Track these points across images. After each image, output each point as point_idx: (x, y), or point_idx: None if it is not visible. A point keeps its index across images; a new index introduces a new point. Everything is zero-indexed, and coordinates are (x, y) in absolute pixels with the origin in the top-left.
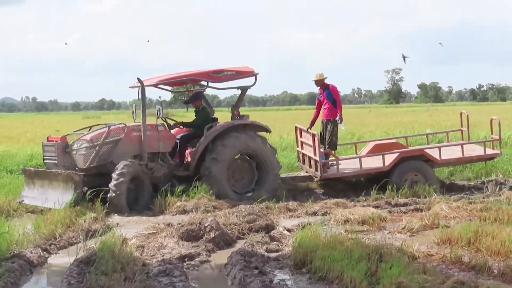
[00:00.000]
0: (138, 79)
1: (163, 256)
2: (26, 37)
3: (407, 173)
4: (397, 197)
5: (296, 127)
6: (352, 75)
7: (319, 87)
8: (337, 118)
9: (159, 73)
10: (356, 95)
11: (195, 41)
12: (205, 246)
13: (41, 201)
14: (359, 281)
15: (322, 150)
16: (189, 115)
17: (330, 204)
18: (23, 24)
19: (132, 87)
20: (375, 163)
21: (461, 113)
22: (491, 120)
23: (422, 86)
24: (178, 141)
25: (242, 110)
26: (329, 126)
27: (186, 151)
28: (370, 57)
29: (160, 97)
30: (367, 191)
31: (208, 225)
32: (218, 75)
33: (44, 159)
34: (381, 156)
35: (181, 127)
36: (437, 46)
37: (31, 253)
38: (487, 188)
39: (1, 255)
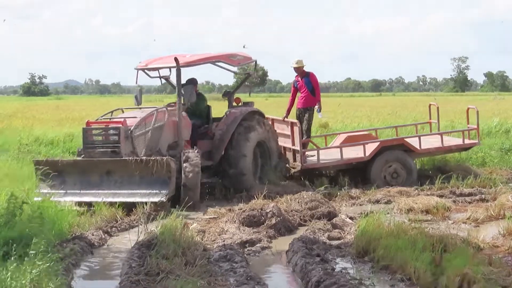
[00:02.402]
0: (176, 58)
1: (224, 241)
2: (91, 22)
3: (387, 163)
4: (462, 186)
5: (268, 119)
6: (418, 63)
7: (297, 74)
8: (316, 106)
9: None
10: (421, 83)
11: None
12: (266, 232)
13: (125, 196)
14: (422, 271)
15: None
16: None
17: (393, 192)
18: (88, 8)
19: (142, 68)
20: (353, 153)
21: (429, 105)
22: (468, 109)
23: (488, 75)
24: None
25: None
26: (306, 115)
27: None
28: (436, 45)
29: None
30: (431, 180)
31: (270, 211)
32: (234, 59)
33: (87, 146)
34: (360, 147)
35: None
36: (505, 35)
37: (93, 235)
38: None
39: (63, 236)
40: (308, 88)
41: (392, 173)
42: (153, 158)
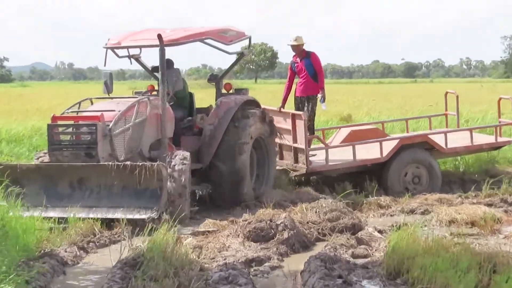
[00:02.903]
0: (159, 36)
1: (225, 259)
2: None
3: (407, 166)
4: None
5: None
6: (460, 43)
7: (294, 55)
8: (319, 95)
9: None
10: (464, 67)
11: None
12: (277, 249)
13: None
14: None
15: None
16: (259, 87)
17: (431, 200)
18: None
19: (112, 47)
20: (363, 153)
21: (446, 93)
22: (499, 100)
23: None
24: None
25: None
26: (307, 105)
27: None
28: (482, 22)
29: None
30: (477, 185)
31: (281, 222)
32: (226, 35)
33: (53, 147)
34: (374, 145)
35: None
36: None
37: (66, 251)
38: None
39: (29, 253)
40: (308, 72)
41: (413, 177)
42: (140, 164)
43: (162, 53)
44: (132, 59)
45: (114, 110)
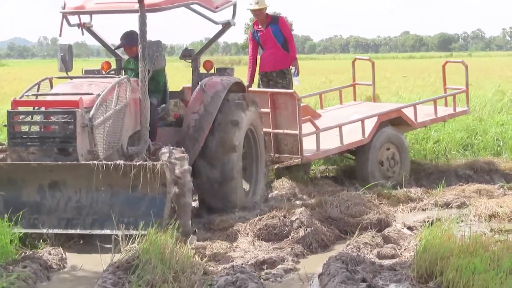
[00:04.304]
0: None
1: (232, 261)
2: None
3: (382, 147)
4: None
5: None
6: (502, 12)
7: (255, 21)
8: (292, 68)
9: None
10: (508, 38)
11: None
12: (292, 249)
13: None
14: None
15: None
16: None
17: (469, 191)
18: None
19: (72, 12)
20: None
21: (354, 60)
22: (445, 64)
23: None
24: None
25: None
26: (281, 81)
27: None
28: None
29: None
30: None
31: (296, 219)
32: (211, 0)
33: (14, 140)
34: (358, 124)
35: None
36: None
37: (50, 254)
38: None
39: (8, 256)
40: (278, 40)
41: (388, 160)
42: (138, 163)
43: (142, 21)
44: (83, 29)
45: (92, 94)
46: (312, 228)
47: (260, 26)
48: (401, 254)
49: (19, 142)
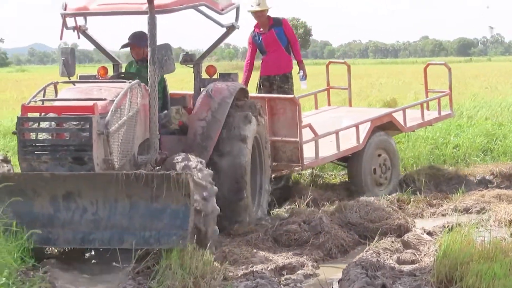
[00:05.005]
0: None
1: (252, 266)
2: None
3: (374, 153)
4: None
5: None
6: None
7: (257, 24)
8: (300, 71)
9: None
10: None
11: None
12: (311, 254)
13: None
14: None
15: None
16: None
17: (488, 197)
18: None
19: (74, 13)
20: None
21: (328, 64)
22: (425, 68)
23: None
24: None
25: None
26: (283, 85)
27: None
28: None
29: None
30: None
31: (316, 224)
32: (217, 2)
33: (25, 149)
34: (349, 130)
35: None
36: None
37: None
38: None
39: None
40: (282, 43)
41: (381, 167)
42: (160, 173)
43: (152, 22)
44: (79, 32)
45: (104, 99)
46: (332, 234)
47: (262, 29)
48: (420, 260)
49: (30, 150)
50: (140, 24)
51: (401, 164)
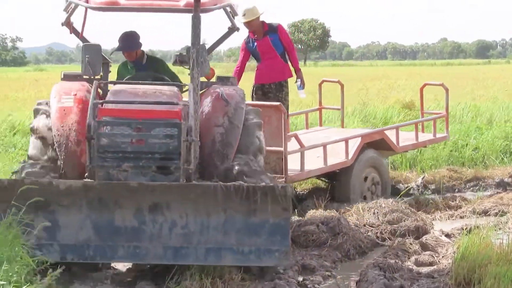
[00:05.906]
0: None
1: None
2: None
3: (364, 171)
4: None
5: None
6: None
7: (250, 31)
8: (298, 82)
9: None
10: None
11: None
12: (330, 255)
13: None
14: None
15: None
16: (308, 70)
17: (507, 199)
18: None
19: (100, 7)
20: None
21: (321, 82)
22: (423, 87)
23: None
24: None
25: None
26: (278, 93)
27: None
28: None
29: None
30: None
31: (334, 225)
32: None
33: (105, 156)
34: (337, 146)
35: None
36: None
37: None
38: None
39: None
40: (278, 50)
41: (371, 185)
42: (262, 185)
43: (197, 21)
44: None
45: (175, 103)
46: (350, 235)
47: (255, 35)
48: (439, 262)
49: (109, 157)
50: (132, 20)
51: (419, 166)
